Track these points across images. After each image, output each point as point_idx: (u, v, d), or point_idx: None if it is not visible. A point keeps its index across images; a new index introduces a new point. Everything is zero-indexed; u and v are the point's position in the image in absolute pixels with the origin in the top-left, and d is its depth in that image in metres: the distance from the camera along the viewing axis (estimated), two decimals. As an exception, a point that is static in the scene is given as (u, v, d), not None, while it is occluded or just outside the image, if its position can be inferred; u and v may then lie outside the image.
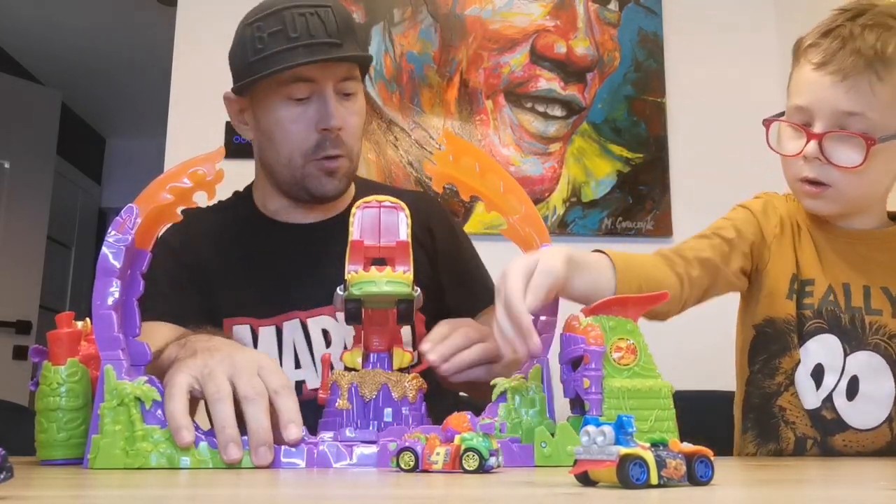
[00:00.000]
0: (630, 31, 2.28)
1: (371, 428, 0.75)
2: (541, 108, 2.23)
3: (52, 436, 0.73)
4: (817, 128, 0.98)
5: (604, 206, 2.18)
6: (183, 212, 0.80)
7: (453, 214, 1.37)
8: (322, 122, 1.06)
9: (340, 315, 0.99)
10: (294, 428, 0.69)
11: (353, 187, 1.19)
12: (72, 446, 0.73)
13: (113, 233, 0.72)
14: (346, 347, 0.96)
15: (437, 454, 0.61)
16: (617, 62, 2.26)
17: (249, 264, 1.12)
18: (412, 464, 0.61)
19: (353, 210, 0.82)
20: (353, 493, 0.50)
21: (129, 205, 0.74)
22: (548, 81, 2.24)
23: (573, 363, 0.71)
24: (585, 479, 0.49)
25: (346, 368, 0.80)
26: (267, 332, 1.09)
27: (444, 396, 1.02)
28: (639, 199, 2.19)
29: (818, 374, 1.04)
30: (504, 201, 0.83)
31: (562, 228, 2.16)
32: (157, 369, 0.78)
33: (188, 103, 2.33)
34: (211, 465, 0.67)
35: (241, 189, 1.23)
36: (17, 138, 3.73)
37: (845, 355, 1.03)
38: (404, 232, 0.82)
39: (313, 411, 0.80)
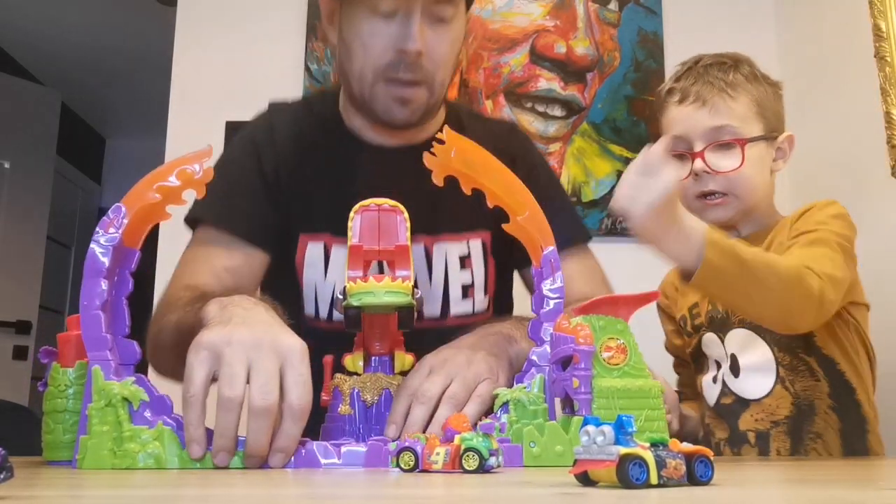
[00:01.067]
0: (630, 31, 2.28)
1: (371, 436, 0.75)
2: (541, 108, 2.23)
3: (59, 437, 0.73)
4: (697, 148, 1.16)
5: (604, 206, 2.18)
6: (270, 104, 0.81)
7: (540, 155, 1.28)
8: (400, 43, 0.98)
9: (415, 247, 0.97)
10: (280, 458, 0.68)
11: (443, 112, 1.12)
12: None
13: (101, 232, 0.72)
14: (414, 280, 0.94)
15: (437, 454, 0.61)
16: (617, 62, 2.26)
17: (330, 176, 1.07)
18: (412, 464, 0.61)
19: (352, 214, 0.82)
20: (352, 493, 0.50)
21: (117, 204, 0.73)
22: (548, 81, 2.24)
23: (563, 363, 0.70)
24: (585, 479, 0.49)
25: (348, 372, 0.80)
26: (340, 253, 1.04)
27: None
28: (639, 199, 2.19)
29: (714, 374, 1.18)
30: (510, 197, 0.82)
31: (562, 228, 2.16)
32: (194, 322, 0.78)
33: (188, 103, 2.33)
34: (199, 466, 0.67)
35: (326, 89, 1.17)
36: (17, 138, 3.73)
37: (722, 341, 1.16)
38: (403, 235, 0.81)
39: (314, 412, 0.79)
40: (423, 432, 0.73)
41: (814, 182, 2.06)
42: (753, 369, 1.13)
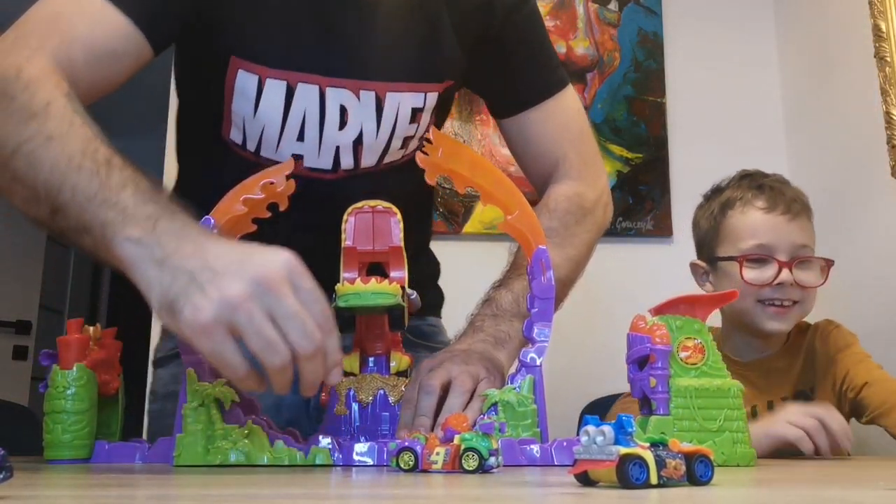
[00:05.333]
0: (630, 31, 2.28)
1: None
2: (541, 108, 2.23)
3: (58, 437, 0.75)
4: (782, 258, 1.23)
5: (604, 206, 2.18)
6: None
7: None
8: None
9: (364, 94, 0.92)
10: (338, 372, 0.65)
11: None
12: (76, 447, 0.75)
13: None
14: (360, 130, 0.91)
15: (437, 454, 0.61)
16: (617, 62, 2.26)
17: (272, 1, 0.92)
18: (412, 464, 0.61)
19: (346, 217, 0.82)
20: (352, 493, 0.50)
21: (206, 216, 0.76)
22: (548, 81, 2.24)
23: (639, 363, 0.71)
24: (585, 479, 0.49)
25: (345, 373, 0.80)
26: (275, 87, 0.90)
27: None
28: (639, 200, 2.19)
29: None
30: (502, 195, 0.82)
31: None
32: (101, 238, 0.63)
33: (188, 103, 2.33)
34: (287, 461, 0.70)
35: None
36: (17, 138, 3.72)
37: None
38: (397, 237, 0.82)
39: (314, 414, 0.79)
40: (434, 421, 0.74)
41: (814, 182, 2.06)
42: None
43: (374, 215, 0.83)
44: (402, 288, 0.78)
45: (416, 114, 0.96)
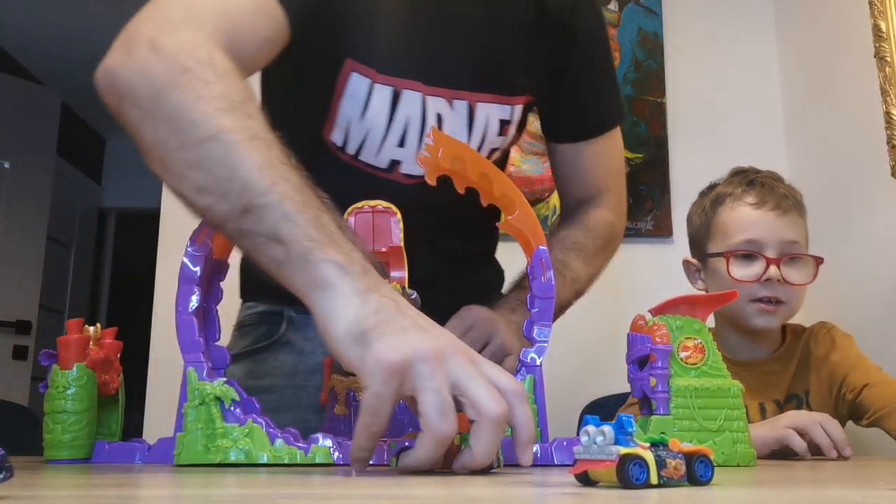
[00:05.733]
0: (630, 31, 2.28)
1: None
2: (541, 108, 2.23)
3: (58, 437, 0.75)
4: (770, 254, 1.21)
5: (604, 206, 2.18)
6: None
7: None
8: None
9: (457, 103, 0.96)
10: (529, 452, 0.58)
11: None
12: (76, 447, 0.75)
13: (190, 243, 0.75)
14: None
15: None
16: (617, 62, 2.26)
17: (381, 7, 0.92)
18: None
19: (345, 216, 0.82)
20: (352, 493, 0.50)
21: None
22: (548, 81, 2.24)
23: (640, 362, 0.71)
24: (585, 479, 0.49)
25: (344, 374, 0.80)
26: (383, 92, 0.92)
27: None
28: (639, 200, 2.19)
29: None
30: (502, 194, 0.82)
31: (561, 228, 2.16)
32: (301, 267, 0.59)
33: (188, 103, 2.33)
34: (287, 460, 0.70)
35: None
36: (17, 138, 3.73)
37: None
38: (397, 237, 0.82)
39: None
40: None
41: (814, 182, 2.06)
42: None
43: (375, 215, 0.83)
44: (402, 288, 0.78)
45: (503, 126, 1.00)
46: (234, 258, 0.81)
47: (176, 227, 2.23)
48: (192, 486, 0.54)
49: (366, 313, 0.57)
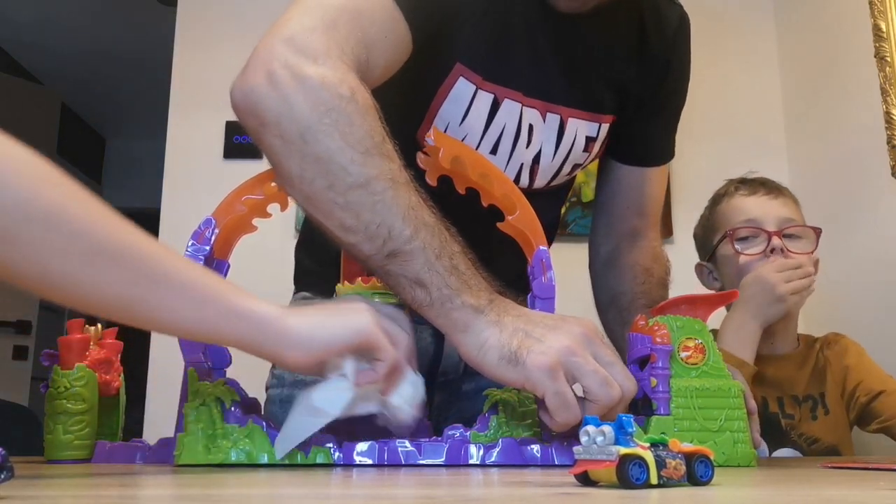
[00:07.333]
0: (630, 32, 2.27)
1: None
2: (541, 109, 2.23)
3: (59, 437, 0.76)
4: (770, 229, 1.27)
5: (604, 206, 2.18)
6: None
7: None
8: None
9: (550, 116, 0.96)
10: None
11: None
12: (77, 447, 0.76)
13: (192, 243, 0.75)
14: (539, 150, 0.95)
15: (438, 454, 0.61)
16: (617, 62, 2.26)
17: (494, 14, 0.91)
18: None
19: None
20: (352, 493, 0.50)
21: (208, 217, 0.76)
22: (548, 81, 2.24)
23: (640, 362, 0.71)
24: (585, 479, 0.49)
25: None
26: (484, 99, 0.92)
27: (447, 407, 1.02)
28: (639, 199, 2.18)
29: None
30: (503, 195, 0.82)
31: (562, 228, 2.15)
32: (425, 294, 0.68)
33: (188, 103, 2.34)
34: (287, 461, 0.70)
35: None
36: (17, 138, 3.73)
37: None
38: None
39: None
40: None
41: (814, 183, 2.06)
42: None
43: None
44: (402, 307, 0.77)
45: (588, 143, 1.00)
46: (239, 257, 0.81)
47: (176, 228, 2.24)
48: (192, 487, 0.54)
49: (507, 337, 0.67)
